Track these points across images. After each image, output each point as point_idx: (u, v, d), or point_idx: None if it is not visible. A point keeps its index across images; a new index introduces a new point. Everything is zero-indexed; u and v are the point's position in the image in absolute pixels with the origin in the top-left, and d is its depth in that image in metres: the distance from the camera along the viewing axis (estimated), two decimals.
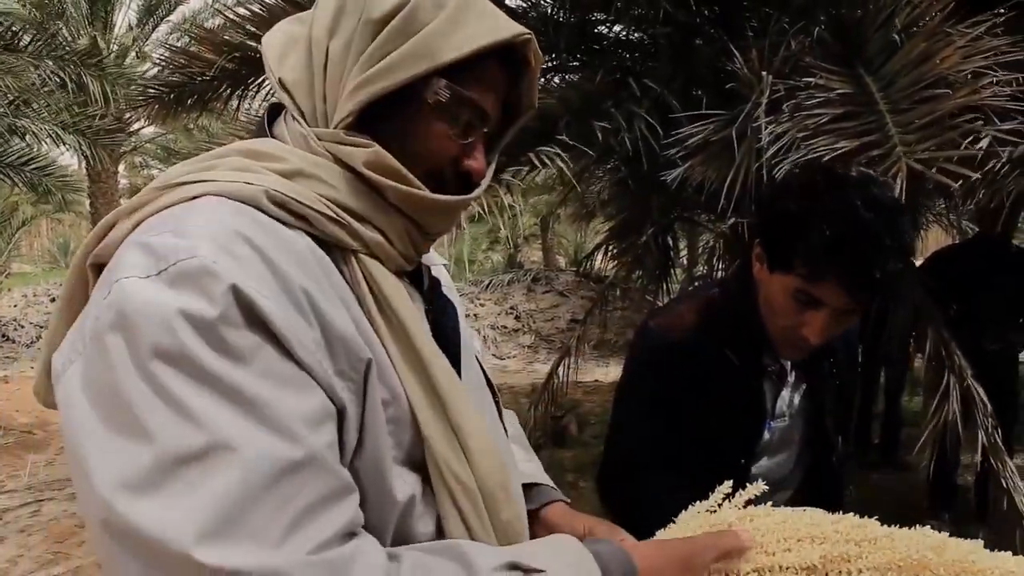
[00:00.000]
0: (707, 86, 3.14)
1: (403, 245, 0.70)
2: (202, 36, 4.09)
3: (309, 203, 0.63)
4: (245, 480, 0.51)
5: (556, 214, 12.60)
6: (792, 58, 2.38)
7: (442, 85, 0.66)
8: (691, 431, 1.21)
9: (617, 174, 3.79)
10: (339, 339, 0.61)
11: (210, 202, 0.61)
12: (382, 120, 0.68)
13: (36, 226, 19.75)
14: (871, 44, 2.29)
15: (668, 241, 3.85)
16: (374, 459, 0.63)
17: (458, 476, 0.67)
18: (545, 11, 3.78)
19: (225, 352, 0.53)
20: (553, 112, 2.92)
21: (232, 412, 0.52)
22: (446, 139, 0.69)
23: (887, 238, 0.97)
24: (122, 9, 11.40)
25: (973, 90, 1.89)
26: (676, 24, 3.12)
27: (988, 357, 3.71)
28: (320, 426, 0.57)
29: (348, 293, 0.65)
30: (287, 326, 0.56)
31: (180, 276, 0.54)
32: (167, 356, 0.52)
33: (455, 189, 0.71)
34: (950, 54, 1.99)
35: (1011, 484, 2.59)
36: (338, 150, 0.67)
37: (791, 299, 1.07)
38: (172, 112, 4.20)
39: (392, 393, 0.65)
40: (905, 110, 2.00)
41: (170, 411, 0.51)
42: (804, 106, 2.10)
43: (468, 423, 0.68)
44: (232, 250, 0.57)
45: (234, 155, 0.66)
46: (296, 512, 0.53)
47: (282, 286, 0.58)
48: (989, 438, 2.61)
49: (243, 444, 0.52)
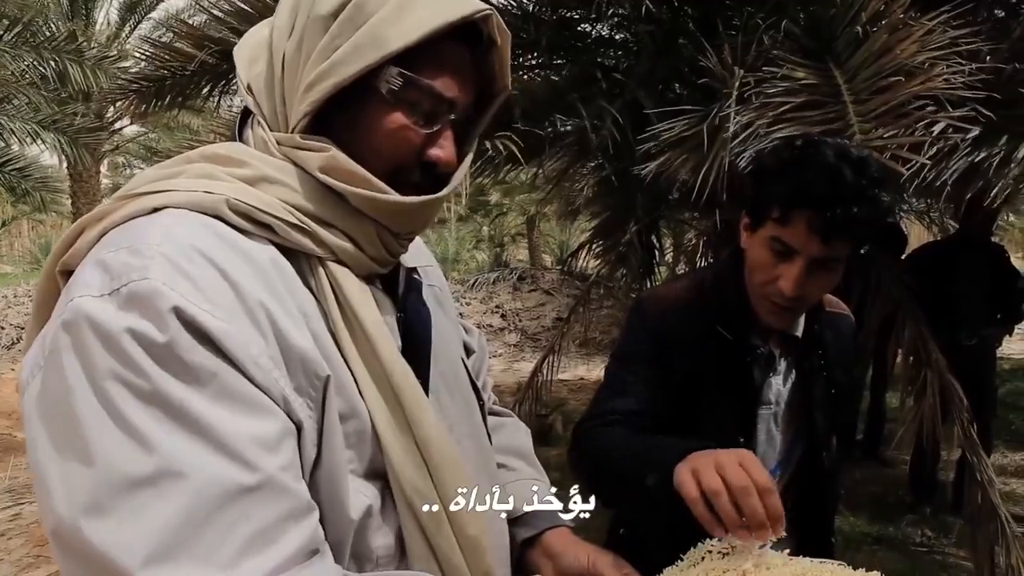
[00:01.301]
0: (687, 84, 3.16)
1: (374, 249, 0.68)
2: (182, 31, 4.05)
3: (272, 211, 0.62)
4: (194, 504, 0.51)
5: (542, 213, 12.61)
6: (764, 53, 2.41)
7: (394, 73, 0.63)
8: (678, 406, 1.21)
9: (601, 172, 3.79)
10: (297, 355, 0.60)
11: (172, 216, 0.60)
12: (340, 119, 0.66)
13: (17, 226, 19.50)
14: (840, 39, 2.33)
15: (652, 239, 3.86)
16: (330, 473, 0.62)
17: (419, 491, 0.65)
18: (527, 8, 3.78)
19: (177, 374, 0.53)
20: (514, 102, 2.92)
21: (183, 436, 0.52)
22: (407, 130, 0.66)
23: (853, 182, 1.02)
24: (103, 6, 11.27)
25: (927, 78, 1.94)
26: (657, 22, 3.13)
27: (966, 352, 3.76)
28: (276, 448, 0.57)
29: (312, 305, 0.64)
30: (240, 345, 0.56)
31: (130, 297, 0.54)
32: (120, 377, 0.52)
33: (427, 183, 0.68)
34: (908, 45, 2.04)
35: (986, 478, 2.62)
36: (295, 155, 0.65)
37: (768, 251, 1.10)
38: (152, 106, 4.15)
39: (351, 407, 0.64)
40: (866, 100, 2.05)
41: (121, 434, 0.51)
42: (768, 94, 2.14)
43: (429, 435, 0.66)
44: (186, 269, 0.56)
45: (200, 161, 0.65)
46: (248, 536, 0.53)
47: (239, 303, 0.57)
48: (965, 432, 2.64)
49: (193, 469, 0.52)
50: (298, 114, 0.65)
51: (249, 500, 0.53)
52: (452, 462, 0.68)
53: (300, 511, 0.57)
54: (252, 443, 0.55)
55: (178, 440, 0.52)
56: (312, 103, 0.64)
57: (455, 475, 0.68)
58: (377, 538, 0.65)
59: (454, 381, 0.79)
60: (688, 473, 0.84)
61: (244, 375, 0.56)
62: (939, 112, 1.95)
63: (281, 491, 0.56)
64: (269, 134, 0.67)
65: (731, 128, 2.13)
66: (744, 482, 0.79)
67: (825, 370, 1.27)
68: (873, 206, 1.04)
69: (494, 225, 16.78)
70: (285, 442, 0.58)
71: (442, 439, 0.68)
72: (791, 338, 1.25)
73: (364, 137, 0.66)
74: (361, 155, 0.65)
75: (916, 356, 2.77)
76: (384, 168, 0.66)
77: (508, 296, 9.96)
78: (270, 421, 0.57)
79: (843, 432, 1.35)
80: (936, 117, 1.92)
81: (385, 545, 0.66)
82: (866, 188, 1.03)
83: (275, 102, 0.67)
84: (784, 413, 1.27)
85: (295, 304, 0.62)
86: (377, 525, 0.65)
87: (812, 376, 1.26)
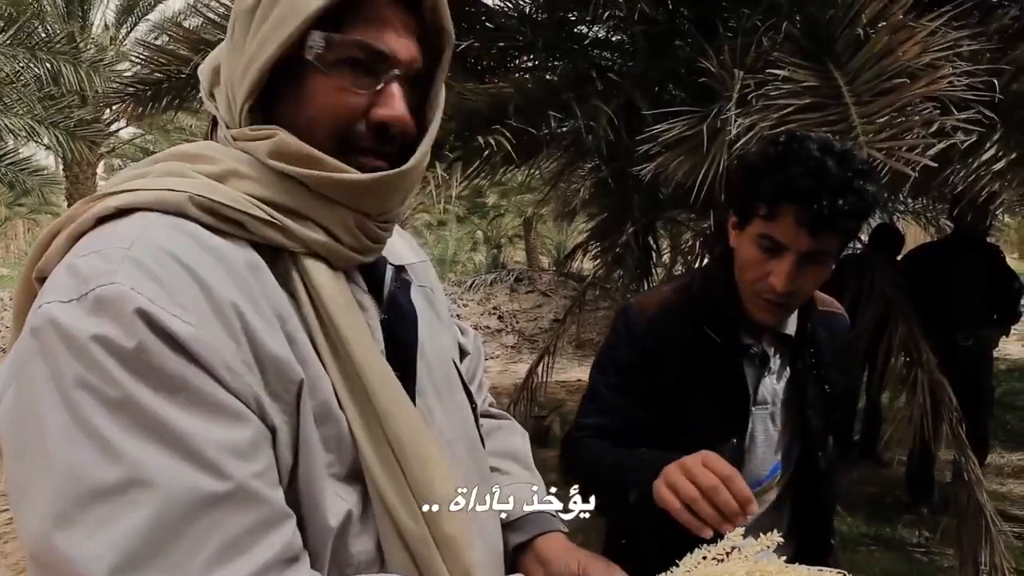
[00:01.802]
0: (684, 85, 3.16)
1: (352, 237, 0.66)
2: (179, 34, 4.05)
3: (239, 206, 0.61)
4: (163, 514, 0.50)
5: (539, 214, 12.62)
6: (764, 55, 2.41)
7: (317, 38, 0.62)
8: (670, 408, 1.21)
9: (598, 174, 3.80)
10: (270, 359, 0.59)
11: (144, 218, 0.59)
12: (285, 103, 0.65)
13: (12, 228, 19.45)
14: (840, 40, 2.33)
15: (649, 240, 3.86)
16: (308, 478, 0.61)
17: (393, 492, 0.64)
18: (524, 9, 3.78)
19: (146, 380, 0.52)
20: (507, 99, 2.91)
21: (152, 444, 0.51)
22: (345, 92, 0.63)
23: (838, 174, 1.03)
24: (99, 7, 11.25)
25: (931, 80, 1.93)
26: (653, 23, 3.14)
27: (963, 353, 3.77)
28: (249, 454, 0.56)
29: (286, 305, 0.63)
30: (211, 350, 0.55)
31: (97, 302, 0.53)
32: (87, 385, 0.51)
33: (387, 152, 0.66)
34: (910, 47, 2.03)
35: (973, 477, 2.63)
36: (248, 147, 0.64)
37: (757, 248, 1.11)
38: (149, 109, 4.15)
39: (328, 410, 0.63)
40: (868, 101, 2.05)
41: (88, 442, 0.50)
42: (771, 97, 2.14)
43: (402, 437, 0.65)
44: (155, 272, 0.55)
45: (169, 160, 0.65)
46: (220, 545, 0.52)
47: (210, 306, 0.56)
48: (954, 431, 2.65)
49: (162, 477, 0.51)
50: (239, 105, 0.64)
51: (221, 509, 0.52)
52: (430, 463, 0.66)
53: (275, 519, 0.56)
54: (223, 450, 0.54)
55: (147, 448, 0.51)
56: (248, 90, 0.63)
57: (433, 476, 0.66)
58: (357, 543, 0.64)
59: (444, 383, 0.77)
60: (665, 488, 0.92)
61: (215, 380, 0.55)
62: (943, 115, 1.95)
63: (254, 499, 0.55)
64: (227, 132, 0.66)
65: (733, 131, 2.12)
66: (712, 481, 0.88)
67: (818, 369, 1.27)
68: (859, 198, 1.04)
69: (491, 227, 16.79)
70: (259, 448, 0.57)
71: (419, 440, 0.66)
72: (784, 337, 1.25)
73: (307, 112, 0.64)
74: (309, 132, 0.63)
75: (907, 355, 2.78)
76: (332, 139, 0.64)
77: (505, 297, 9.96)
78: (242, 427, 0.56)
79: (839, 432, 1.34)
80: (942, 120, 1.92)
81: (365, 550, 0.64)
82: (851, 180, 1.04)
83: (227, 103, 0.67)
84: (781, 412, 1.26)
85: (270, 306, 0.61)
86: (357, 531, 0.64)
87: (805, 375, 1.26)
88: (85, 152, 8.83)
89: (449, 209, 14.21)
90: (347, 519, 0.63)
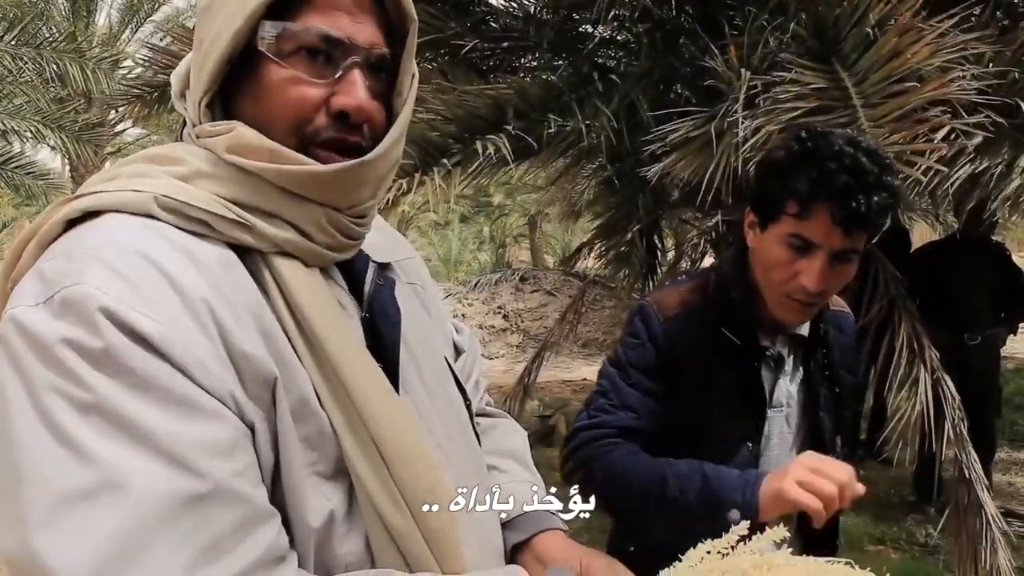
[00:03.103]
0: (688, 84, 3.15)
1: (324, 234, 0.65)
2: (184, 36, 4.06)
3: (204, 206, 0.60)
4: (140, 516, 0.49)
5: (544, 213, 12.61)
6: (770, 55, 2.41)
7: (267, 28, 0.60)
8: (688, 409, 1.20)
9: (603, 173, 3.80)
10: (243, 356, 0.58)
11: (112, 219, 0.59)
12: (244, 99, 0.64)
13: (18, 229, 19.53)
14: (847, 41, 2.32)
15: (654, 239, 3.86)
16: (289, 477, 0.60)
17: (378, 490, 0.62)
18: (528, 9, 3.78)
19: (116, 380, 0.51)
20: (507, 102, 2.91)
21: (125, 445, 0.51)
22: (300, 82, 0.61)
23: (871, 171, 1.01)
24: (104, 9, 11.30)
25: (941, 84, 1.92)
26: (657, 22, 3.13)
27: (970, 351, 3.76)
28: (228, 453, 0.54)
29: (261, 303, 0.61)
30: (183, 347, 0.54)
31: (63, 304, 0.52)
32: (57, 388, 0.51)
33: (353, 144, 0.64)
34: (920, 49, 2.02)
35: (973, 475, 2.63)
36: (207, 143, 0.63)
37: (785, 248, 1.08)
38: (155, 111, 4.17)
39: (308, 408, 0.61)
40: (877, 104, 2.03)
41: (59, 447, 0.50)
42: (779, 99, 2.13)
43: (383, 433, 0.63)
44: (122, 271, 0.54)
45: (138, 162, 0.64)
46: (201, 546, 0.51)
47: (181, 302, 0.55)
48: (955, 429, 2.64)
49: (136, 478, 0.50)
50: (196, 99, 0.63)
51: (200, 509, 0.51)
52: (415, 458, 0.65)
53: (258, 518, 0.55)
54: (199, 448, 0.52)
55: (120, 450, 0.50)
56: (205, 85, 0.62)
57: (418, 472, 0.65)
58: (344, 544, 0.62)
59: (435, 381, 0.76)
60: (800, 490, 0.97)
61: (189, 378, 0.54)
62: (953, 118, 1.94)
63: (235, 498, 0.53)
64: (191, 131, 0.66)
65: (740, 133, 2.12)
66: (844, 476, 0.97)
67: (829, 369, 1.27)
68: (890, 193, 1.03)
69: (496, 226, 16.78)
70: (238, 446, 0.56)
71: (401, 435, 0.64)
72: (797, 337, 1.24)
73: (266, 105, 0.62)
74: (269, 125, 0.62)
75: (910, 353, 2.78)
76: (290, 131, 0.62)
77: (510, 297, 9.95)
78: (219, 425, 0.55)
79: (847, 431, 1.34)
80: (951, 123, 1.91)
81: (353, 551, 0.63)
82: (882, 175, 1.02)
83: (192, 104, 0.66)
84: (796, 414, 1.26)
85: (243, 303, 0.60)
86: (343, 531, 0.62)
87: (818, 376, 1.25)
88: (90, 155, 8.87)
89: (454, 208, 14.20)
90: (330, 519, 0.61)
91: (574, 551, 0.79)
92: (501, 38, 3.65)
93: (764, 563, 0.69)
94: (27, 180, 7.61)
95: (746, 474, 1.07)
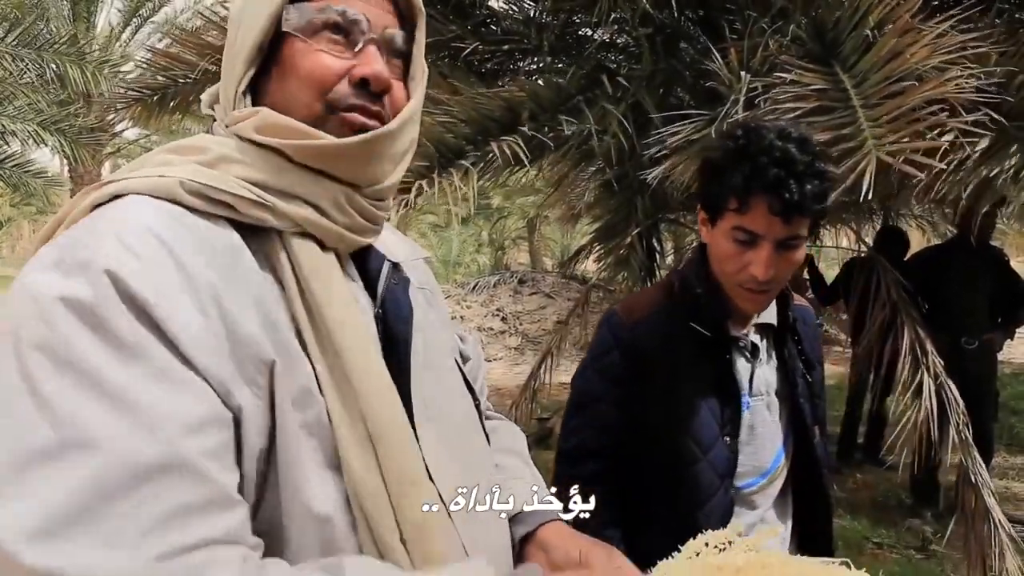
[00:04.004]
0: (689, 87, 3.16)
1: (343, 215, 0.67)
2: (184, 38, 4.07)
3: (227, 188, 0.63)
4: (99, 478, 0.49)
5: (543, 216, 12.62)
6: (770, 57, 2.41)
7: (291, 10, 0.67)
8: (662, 409, 1.22)
9: (602, 176, 3.80)
10: (243, 339, 0.59)
11: (131, 200, 0.61)
12: (269, 85, 0.69)
13: (17, 228, 19.54)
14: (847, 43, 2.33)
15: (653, 242, 3.86)
16: (287, 464, 0.60)
17: (364, 482, 0.62)
18: (529, 12, 3.79)
19: (106, 342, 0.52)
20: (520, 104, 2.93)
21: (100, 408, 0.51)
22: (323, 56, 0.67)
23: (801, 160, 1.07)
24: (105, 9, 11.30)
25: (939, 83, 1.93)
26: (658, 26, 3.14)
27: (967, 356, 3.76)
28: (199, 430, 0.54)
29: (268, 288, 0.63)
30: (177, 321, 0.55)
31: (72, 266, 0.55)
32: (46, 347, 0.52)
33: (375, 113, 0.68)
34: (919, 49, 2.03)
35: (980, 480, 2.63)
36: (236, 128, 0.67)
37: (732, 241, 1.14)
38: (155, 114, 4.17)
39: (306, 395, 0.62)
40: (876, 104, 2.04)
41: (33, 405, 0.50)
42: (779, 101, 2.14)
43: (381, 429, 0.63)
44: (134, 246, 0.56)
45: (164, 152, 0.67)
46: (156, 516, 0.50)
47: (185, 280, 0.57)
48: (960, 435, 2.65)
49: (104, 443, 0.50)
50: (233, 91, 0.68)
51: (162, 480, 0.51)
52: (407, 452, 0.65)
53: (221, 502, 0.54)
54: (172, 421, 0.53)
55: (90, 410, 0.50)
56: (238, 76, 0.67)
57: (410, 465, 0.65)
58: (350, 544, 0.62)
59: (446, 381, 0.77)
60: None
61: (175, 351, 0.54)
62: (952, 117, 1.95)
63: (199, 476, 0.53)
64: (220, 124, 0.70)
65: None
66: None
67: (802, 356, 1.31)
68: (823, 180, 1.08)
69: (495, 228, 16.79)
70: (210, 428, 0.55)
71: (395, 426, 0.65)
72: (768, 326, 1.27)
73: (291, 80, 0.67)
74: (295, 99, 0.66)
75: (913, 359, 2.78)
76: (315, 97, 0.66)
77: (509, 299, 9.96)
78: (196, 402, 0.55)
79: (822, 425, 1.35)
80: (949, 122, 1.92)
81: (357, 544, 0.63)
82: (812, 163, 1.07)
83: (223, 105, 0.70)
84: (776, 402, 1.28)
85: (248, 288, 0.61)
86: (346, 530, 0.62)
87: (793, 363, 1.29)
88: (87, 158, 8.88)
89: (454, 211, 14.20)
90: (336, 509, 0.61)
91: (575, 540, 0.80)
92: (502, 41, 3.66)
93: (759, 560, 0.69)
94: (26, 179, 7.62)
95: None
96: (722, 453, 1.21)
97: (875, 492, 4.32)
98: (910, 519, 3.89)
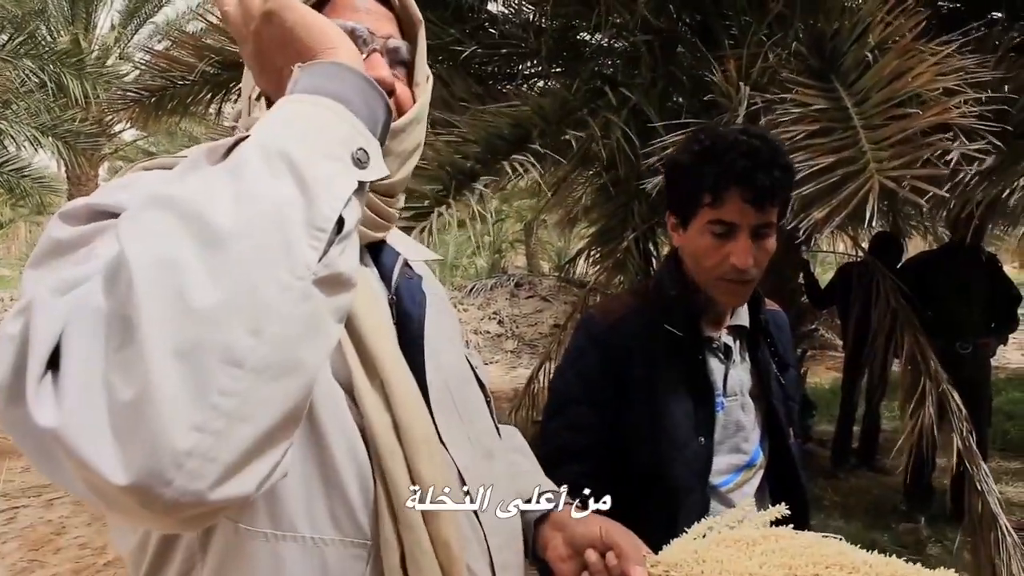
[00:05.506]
0: (687, 94, 3.18)
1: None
2: (183, 40, 4.08)
3: None
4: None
5: (540, 219, 12.63)
6: (769, 70, 2.41)
7: None
8: (638, 410, 1.23)
9: (599, 181, 3.81)
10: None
11: (160, 173, 0.64)
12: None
13: (14, 229, 19.47)
14: (846, 58, 2.32)
15: (650, 247, 3.87)
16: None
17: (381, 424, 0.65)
18: (527, 17, 3.81)
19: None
20: (528, 121, 2.95)
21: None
22: None
23: (765, 151, 1.14)
24: (104, 9, 11.29)
25: (943, 108, 1.92)
26: (656, 32, 3.16)
27: (961, 361, 3.78)
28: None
29: None
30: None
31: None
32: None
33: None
34: (922, 72, 2.02)
35: (985, 487, 2.63)
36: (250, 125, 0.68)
37: (709, 236, 1.18)
38: (153, 116, 4.18)
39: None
40: (878, 126, 2.03)
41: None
42: (780, 123, 2.13)
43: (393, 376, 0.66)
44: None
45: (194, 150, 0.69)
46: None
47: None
48: (964, 442, 2.65)
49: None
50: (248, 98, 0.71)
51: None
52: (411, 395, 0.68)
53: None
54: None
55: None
56: (253, 83, 0.69)
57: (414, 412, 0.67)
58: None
59: (457, 366, 0.80)
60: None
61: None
62: (955, 142, 1.94)
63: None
64: (240, 127, 0.71)
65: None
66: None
67: (776, 358, 1.33)
68: (784, 169, 1.15)
69: (492, 232, 16.79)
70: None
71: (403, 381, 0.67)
72: (741, 328, 1.30)
73: None
74: None
75: (914, 365, 2.79)
76: None
77: (506, 303, 9.97)
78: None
79: (796, 422, 1.37)
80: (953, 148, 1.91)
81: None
82: (775, 156, 1.14)
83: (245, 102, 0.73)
84: (750, 403, 1.30)
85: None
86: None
87: (766, 365, 1.31)
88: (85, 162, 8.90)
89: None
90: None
91: (593, 517, 0.83)
92: (500, 45, 3.68)
93: (772, 534, 0.76)
94: (23, 182, 7.63)
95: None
96: (696, 453, 1.22)
97: (869, 497, 4.34)
98: (903, 523, 3.90)
